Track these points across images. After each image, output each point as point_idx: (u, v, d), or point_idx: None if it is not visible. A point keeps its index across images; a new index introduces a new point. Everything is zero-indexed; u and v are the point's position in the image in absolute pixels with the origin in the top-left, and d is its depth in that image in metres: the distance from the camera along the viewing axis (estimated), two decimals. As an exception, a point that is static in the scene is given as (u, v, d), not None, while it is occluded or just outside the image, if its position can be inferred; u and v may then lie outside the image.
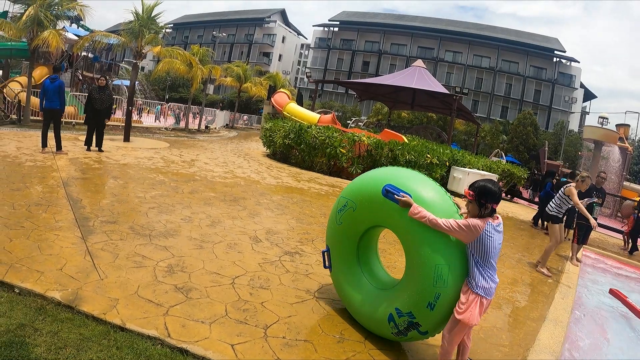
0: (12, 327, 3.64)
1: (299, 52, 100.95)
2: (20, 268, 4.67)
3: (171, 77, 58.03)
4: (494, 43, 71.58)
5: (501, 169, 20.22)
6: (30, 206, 6.84)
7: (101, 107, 13.53)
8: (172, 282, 4.87)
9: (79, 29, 32.81)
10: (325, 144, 15.72)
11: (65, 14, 22.63)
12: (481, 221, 3.66)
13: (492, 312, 5.73)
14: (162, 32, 21.70)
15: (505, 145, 51.44)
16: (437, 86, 28.27)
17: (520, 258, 9.19)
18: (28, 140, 13.76)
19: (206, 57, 31.31)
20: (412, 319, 3.97)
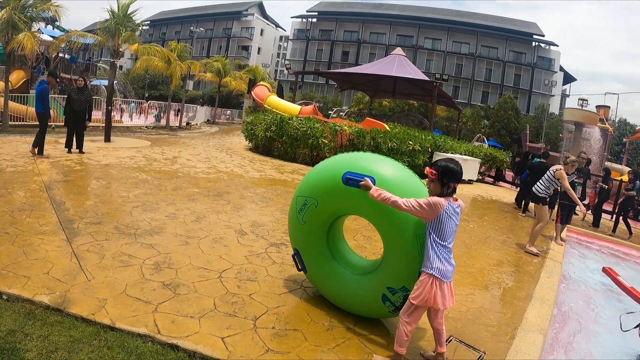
0: (1, 334, 3.64)
1: (277, 45, 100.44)
2: (7, 274, 4.66)
3: (150, 75, 57.53)
4: (473, 29, 71.74)
5: (483, 153, 20.39)
6: (13, 212, 6.80)
7: (80, 109, 13.41)
8: (159, 279, 4.89)
9: (55, 30, 32.39)
10: (307, 135, 15.74)
11: (40, 15, 22.29)
12: (443, 199, 3.70)
13: (479, 294, 5.82)
14: (138, 30, 21.48)
15: (487, 130, 51.83)
16: (417, 73, 28.37)
17: (505, 240, 9.31)
18: (8, 146, 13.61)
19: (184, 53, 31.08)
20: (406, 292, 4.03)
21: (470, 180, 17.88)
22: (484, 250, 8.11)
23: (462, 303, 5.37)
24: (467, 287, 5.92)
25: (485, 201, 13.92)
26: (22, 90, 24.64)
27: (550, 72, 69.67)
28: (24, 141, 15.00)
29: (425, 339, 4.43)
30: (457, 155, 16.98)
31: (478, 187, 16.99)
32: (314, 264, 4.81)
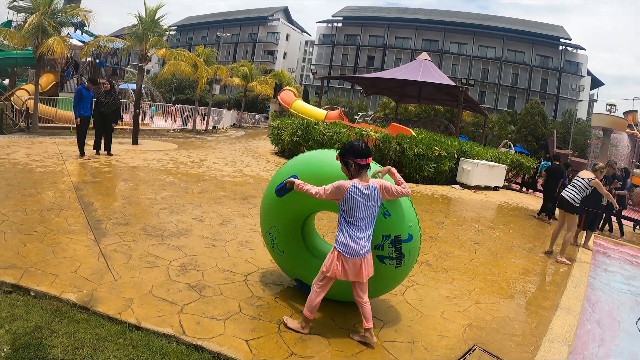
0: (29, 330, 3.68)
1: (303, 49, 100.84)
2: (35, 272, 4.72)
3: (177, 79, 58.14)
4: (499, 33, 71.15)
5: (510, 159, 20.09)
6: (42, 211, 6.91)
7: (107, 111, 13.58)
8: (185, 281, 4.90)
9: (83, 35, 33.00)
10: (333, 140, 15.69)
11: (69, 20, 22.72)
12: (346, 182, 3.93)
13: (504, 303, 5.70)
14: (166, 35, 21.74)
15: (514, 135, 51.17)
16: (443, 78, 28.14)
17: (532, 248, 9.13)
18: (38, 147, 13.86)
19: (211, 58, 31.35)
20: (393, 238, 4.22)
21: (497, 187, 17.65)
22: (510, 258, 7.95)
23: (487, 312, 5.26)
24: (492, 296, 5.81)
25: (512, 208, 13.71)
26: (51, 93, 25.09)
27: (578, 77, 68.65)
28: (53, 142, 15.28)
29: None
30: (483, 162, 16.79)
31: (504, 194, 16.76)
32: (307, 273, 4.82)
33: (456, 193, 14.81)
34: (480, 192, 15.85)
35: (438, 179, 16.08)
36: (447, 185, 16.19)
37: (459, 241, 8.40)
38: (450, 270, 6.53)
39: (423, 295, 5.39)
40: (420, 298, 5.30)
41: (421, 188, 14.50)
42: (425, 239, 8.05)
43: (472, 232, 9.40)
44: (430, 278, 6.04)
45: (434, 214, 10.76)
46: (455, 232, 9.16)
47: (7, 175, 9.30)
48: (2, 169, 9.90)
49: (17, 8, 22.11)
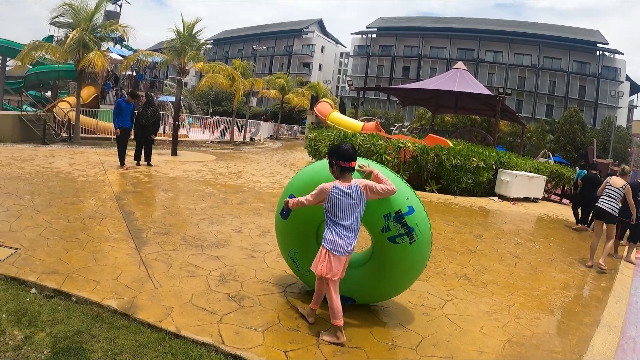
0: (69, 334, 3.76)
1: (338, 61, 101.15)
2: (77, 278, 4.83)
3: (214, 92, 58.94)
4: (535, 40, 69.68)
5: (549, 170, 19.66)
6: (84, 219, 7.06)
7: (147, 123, 13.83)
8: (225, 291, 4.92)
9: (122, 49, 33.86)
10: (371, 152, 15.62)
11: (108, 35, 23.38)
12: (328, 184, 4.10)
13: (544, 318, 5.53)
14: (203, 49, 22.11)
15: (552, 145, 50.13)
16: (479, 88, 27.82)
17: (572, 261, 8.84)
18: (79, 157, 14.22)
19: (248, 70, 31.71)
20: (395, 215, 4.31)
21: (536, 198, 17.27)
22: (550, 272, 7.72)
23: (527, 327, 5.11)
24: (532, 311, 5.65)
25: (551, 221, 13.37)
26: (92, 105, 25.82)
27: (617, 82, 66.93)
28: (94, 152, 15.66)
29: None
30: (522, 173, 16.47)
31: (544, 206, 16.36)
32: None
33: (495, 205, 14.55)
34: (519, 203, 15.53)
35: (476, 190, 15.84)
36: (486, 197, 15.92)
37: (498, 254, 8.24)
38: (490, 284, 6.40)
39: (462, 310, 5.29)
40: (459, 312, 5.20)
41: (459, 200, 14.30)
42: (464, 252, 7.95)
43: (512, 245, 9.20)
44: (470, 292, 5.92)
45: (473, 226, 10.59)
46: (494, 245, 8.99)
47: (50, 184, 9.56)
48: (45, 178, 10.19)
49: (58, 24, 22.97)
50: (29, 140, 18.36)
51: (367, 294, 4.87)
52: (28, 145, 16.96)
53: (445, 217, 11.10)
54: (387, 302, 5.15)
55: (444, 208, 12.47)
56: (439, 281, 6.18)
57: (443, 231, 9.47)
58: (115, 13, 40.74)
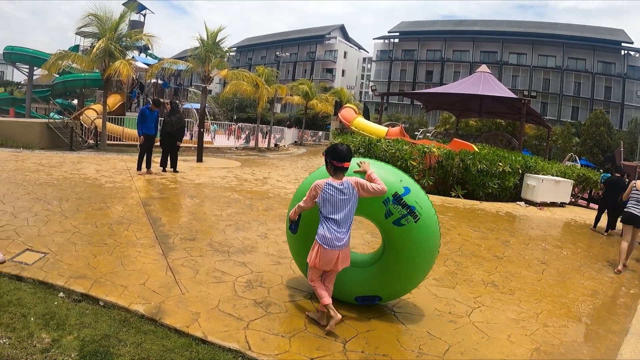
0: (97, 338, 3.80)
1: (361, 66, 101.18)
2: (104, 282, 4.89)
3: (238, 98, 59.35)
4: (558, 41, 68.54)
5: (576, 173, 19.33)
6: (112, 224, 7.16)
7: (172, 130, 13.98)
8: (251, 297, 4.93)
9: (147, 58, 34.36)
10: (396, 157, 15.56)
11: (133, 44, 23.72)
12: (322, 180, 4.34)
13: (572, 326, 5.42)
14: (227, 56, 22.29)
15: (578, 148, 49.39)
16: (503, 91, 27.53)
17: (600, 268, 8.65)
18: (106, 163, 14.43)
19: (271, 77, 31.85)
20: (392, 198, 4.45)
21: (563, 203, 17.01)
22: (578, 279, 7.56)
23: (555, 336, 5.00)
24: (560, 319, 5.54)
25: (579, 226, 13.13)
26: (118, 113, 26.23)
27: (643, 82, 65.43)
28: (120, 159, 15.88)
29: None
30: (548, 177, 16.24)
31: (571, 211, 16.10)
32: (359, 286, 5.00)
33: (521, 210, 14.37)
34: (546, 208, 15.32)
35: (502, 195, 15.66)
36: (512, 202, 15.74)
37: (525, 261, 8.11)
38: (517, 291, 6.30)
39: (489, 318, 5.21)
40: (486, 320, 5.12)
41: (485, 205, 14.15)
42: (491, 259, 7.86)
43: (539, 252, 9.06)
44: (497, 299, 5.84)
45: (500, 232, 10.46)
46: (521, 251, 8.86)
47: (78, 190, 9.73)
48: (73, 184, 10.36)
49: (83, 33, 23.37)
50: (57, 147, 18.65)
51: (391, 288, 4.87)
52: (56, 151, 17.27)
53: (472, 223, 10.99)
54: (414, 310, 5.11)
55: (470, 214, 12.35)
56: (466, 288, 6.12)
57: (469, 237, 9.37)
58: (139, 22, 41.36)
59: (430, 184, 15.11)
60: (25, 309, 4.19)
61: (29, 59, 36.15)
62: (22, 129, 19.53)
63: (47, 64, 21.73)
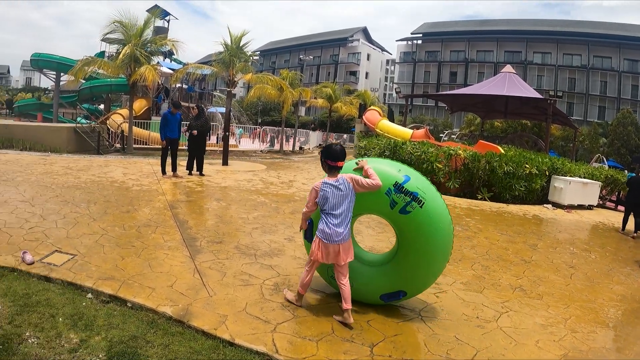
0: (124, 339, 3.86)
1: (384, 68, 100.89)
2: (132, 284, 4.96)
3: (262, 102, 59.61)
4: (584, 39, 66.98)
5: (604, 175, 18.95)
6: (139, 227, 7.25)
7: (199, 133, 14.08)
8: (279, 300, 4.94)
9: (172, 63, 34.75)
10: (421, 160, 15.47)
11: (158, 50, 24.02)
12: (318, 182, 4.62)
13: (601, 332, 5.31)
14: (250, 60, 22.42)
15: (606, 148, 48.45)
16: (529, 91, 27.19)
17: (630, 272, 8.45)
18: (133, 166, 14.61)
19: (295, 80, 31.94)
20: (394, 188, 4.57)
21: (591, 205, 16.71)
22: (607, 284, 7.40)
23: (583, 342, 4.91)
24: (589, 325, 5.43)
25: (607, 229, 12.87)
26: (144, 117, 26.58)
27: (671, 79, 63.70)
28: (147, 162, 16.08)
29: None
30: (576, 179, 15.97)
31: (599, 213, 15.79)
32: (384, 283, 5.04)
33: (548, 213, 14.16)
34: (573, 211, 15.08)
35: (529, 198, 15.45)
36: (539, 204, 15.52)
37: (553, 265, 7.99)
38: (545, 296, 6.20)
39: (517, 323, 5.14)
40: (514, 325, 5.05)
41: (512, 208, 13.98)
42: (519, 263, 7.76)
43: (567, 256, 8.91)
44: (525, 304, 5.76)
45: (527, 235, 10.32)
46: (549, 255, 8.73)
47: (105, 192, 9.88)
48: (100, 187, 10.52)
49: (109, 40, 23.80)
50: (84, 151, 19.00)
51: (413, 280, 4.86)
52: (83, 155, 17.56)
53: (499, 226, 10.87)
54: (441, 314, 5.08)
55: (496, 217, 12.22)
56: (494, 292, 6.05)
57: (497, 241, 9.27)
58: (163, 28, 41.82)
59: (457, 186, 14.98)
60: (53, 310, 4.27)
61: (55, 65, 36.89)
62: (50, 134, 19.95)
63: (73, 70, 22.15)
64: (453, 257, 7.46)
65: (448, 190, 15.10)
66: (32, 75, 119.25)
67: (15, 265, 5.23)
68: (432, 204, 4.59)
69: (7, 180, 10.38)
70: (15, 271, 5.13)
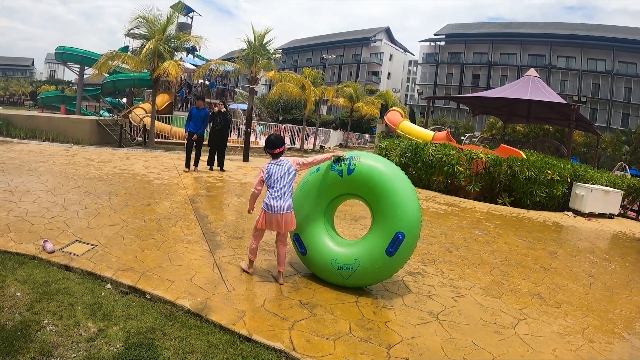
0: (142, 330, 3.91)
1: (407, 69, 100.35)
2: (152, 276, 5.01)
3: (284, 100, 59.73)
4: (608, 44, 65.59)
5: (626, 184, 18.65)
6: (160, 220, 7.32)
7: (219, 129, 14.16)
8: (297, 298, 4.96)
9: (195, 59, 34.99)
10: (443, 162, 15.38)
11: (182, 45, 24.19)
12: (264, 165, 5.40)
13: (618, 344, 5.20)
14: (273, 58, 22.48)
15: (629, 156, 47.65)
16: (552, 96, 26.84)
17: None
18: (154, 160, 14.74)
19: (318, 79, 31.93)
20: (334, 163, 5.60)
21: (612, 214, 16.47)
22: (626, 295, 7.28)
23: (601, 352, 4.84)
24: (606, 335, 5.35)
25: (628, 239, 12.67)
26: (166, 112, 26.78)
27: (698, 87, 62.33)
28: (168, 157, 16.19)
29: None
30: (598, 187, 15.74)
31: (620, 223, 15.54)
32: None
33: (569, 220, 13.99)
34: (594, 219, 14.87)
35: (550, 204, 15.27)
36: (559, 211, 15.34)
37: (572, 273, 7.89)
38: (564, 304, 6.13)
39: (535, 330, 5.09)
40: (532, 333, 5.01)
41: (532, 214, 13.83)
42: (538, 270, 7.69)
43: (587, 264, 8.79)
44: (543, 312, 5.70)
45: (547, 242, 10.21)
46: (568, 263, 8.63)
47: (127, 185, 9.98)
48: (122, 179, 10.63)
49: (133, 35, 24.06)
50: (106, 144, 19.20)
51: (400, 218, 5.17)
52: (105, 148, 17.75)
53: (519, 232, 10.77)
54: (459, 318, 5.07)
55: (516, 222, 12.11)
56: (512, 298, 6.00)
57: (516, 247, 9.19)
58: (187, 25, 42.05)
59: (477, 190, 14.88)
60: (72, 298, 4.34)
61: (79, 59, 37.33)
62: (73, 126, 20.20)
63: (97, 64, 22.41)
64: (472, 261, 7.47)
65: (468, 194, 15.00)
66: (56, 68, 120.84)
67: (35, 253, 5.31)
68: (368, 157, 5.50)
69: (30, 170, 10.54)
70: (36, 259, 5.21)
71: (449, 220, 11.02)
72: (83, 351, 3.53)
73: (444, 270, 6.78)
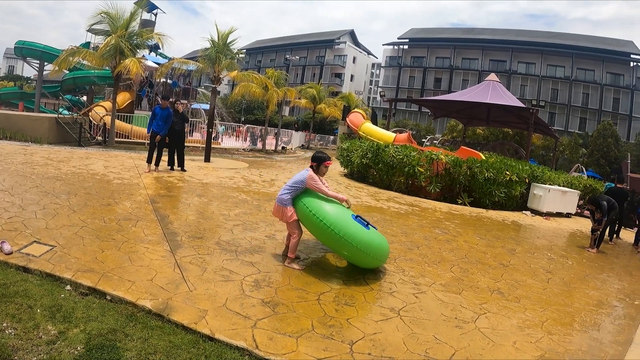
0: (103, 331, 3.84)
1: (370, 72, 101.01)
2: (112, 277, 4.93)
3: (246, 100, 59.39)
4: (567, 51, 67.80)
5: (583, 184, 19.25)
6: (120, 220, 7.19)
7: (178, 128, 13.98)
8: (259, 297, 4.95)
9: (157, 57, 34.50)
10: (403, 163, 15.57)
11: (144, 43, 23.80)
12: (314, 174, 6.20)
13: (577, 335, 5.40)
14: (236, 58, 22.35)
15: (585, 159, 49.07)
16: (512, 100, 27.49)
17: (605, 279, 8.58)
18: (114, 160, 14.48)
19: (281, 80, 31.87)
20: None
21: (569, 213, 16.94)
22: (584, 289, 7.53)
23: (560, 344, 5.00)
24: (565, 328, 5.52)
25: (585, 237, 13.02)
26: (127, 110, 26.29)
27: (652, 94, 64.64)
28: (128, 156, 15.95)
29: None
30: (555, 187, 16.19)
31: (577, 222, 16.00)
32: None
33: (527, 219, 14.33)
34: (551, 218, 15.28)
35: (509, 204, 15.63)
36: (518, 211, 15.70)
37: (531, 269, 8.10)
38: (523, 299, 6.29)
39: (495, 324, 5.21)
40: (492, 326, 5.13)
41: (491, 214, 14.12)
42: (497, 266, 7.85)
43: (545, 261, 9.04)
44: (503, 307, 5.83)
45: (505, 240, 10.44)
46: (527, 260, 8.84)
47: (86, 185, 9.78)
48: (81, 179, 10.41)
49: (95, 31, 23.54)
50: (65, 143, 18.73)
51: None
52: (64, 147, 17.34)
53: (478, 231, 10.97)
54: (420, 314, 5.15)
55: (476, 222, 12.33)
56: (472, 294, 6.12)
57: (475, 245, 9.37)
58: (150, 22, 41.47)
59: (437, 190, 15.10)
60: (31, 301, 4.23)
61: (39, 54, 36.36)
62: (31, 123, 19.63)
63: (57, 60, 21.82)
64: (432, 259, 7.60)
65: (429, 194, 15.21)
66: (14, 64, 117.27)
67: (-8, 255, 5.16)
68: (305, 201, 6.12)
69: (-15, 170, 10.23)
70: (-7, 261, 5.06)
71: (410, 219, 11.15)
72: (43, 354, 3.46)
73: (405, 267, 6.86)
